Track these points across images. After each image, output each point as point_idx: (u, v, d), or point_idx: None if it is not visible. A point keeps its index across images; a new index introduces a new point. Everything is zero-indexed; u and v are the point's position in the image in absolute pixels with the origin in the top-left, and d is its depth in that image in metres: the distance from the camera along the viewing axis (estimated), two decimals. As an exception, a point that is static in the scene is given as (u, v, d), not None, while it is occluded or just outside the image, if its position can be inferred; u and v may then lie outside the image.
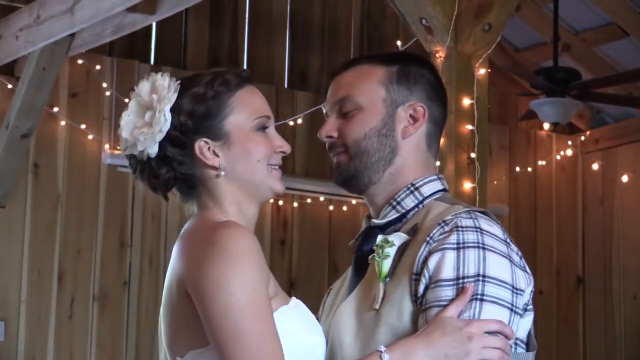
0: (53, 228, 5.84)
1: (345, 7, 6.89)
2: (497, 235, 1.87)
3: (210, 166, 2.07)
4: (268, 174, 2.10)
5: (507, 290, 1.82)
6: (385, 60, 2.07)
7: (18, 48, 5.38)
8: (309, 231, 6.57)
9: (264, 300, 1.88)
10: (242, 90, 2.12)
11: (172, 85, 2.08)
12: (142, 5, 4.96)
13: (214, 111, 2.08)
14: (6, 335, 5.70)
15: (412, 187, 2.01)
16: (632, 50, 6.63)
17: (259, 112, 2.11)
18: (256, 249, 1.92)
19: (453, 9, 3.90)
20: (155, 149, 2.06)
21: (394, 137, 2.02)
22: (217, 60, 6.48)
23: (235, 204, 2.08)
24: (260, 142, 2.10)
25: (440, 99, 2.06)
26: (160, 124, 2.04)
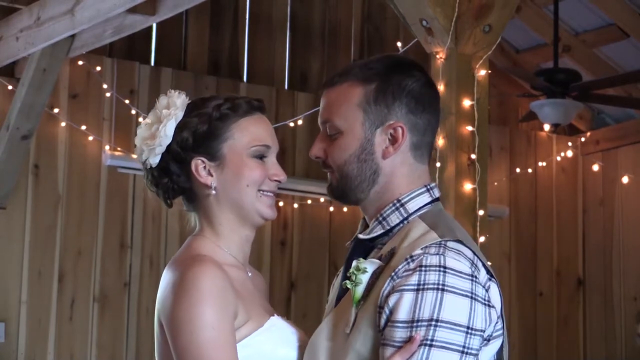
0: (53, 229, 5.84)
1: (345, 9, 6.90)
2: (461, 272, 1.86)
3: (203, 184, 2.19)
4: (257, 199, 2.19)
5: (459, 333, 1.82)
6: (365, 78, 2.04)
7: (18, 49, 5.39)
8: (309, 232, 6.57)
9: (225, 337, 2.02)
10: (248, 117, 2.21)
11: (184, 103, 2.20)
12: (143, 6, 4.95)
13: (215, 133, 2.19)
14: (6, 336, 5.70)
15: (398, 203, 2.02)
16: (632, 52, 6.63)
17: (259, 141, 2.20)
18: (220, 287, 2.03)
19: (453, 10, 3.90)
20: (156, 160, 2.19)
21: (374, 160, 2.02)
22: (218, 61, 6.48)
23: (227, 225, 2.20)
24: (253, 168, 2.19)
25: (426, 107, 2.04)
26: (160, 138, 2.17)
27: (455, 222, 2.06)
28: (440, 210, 2.05)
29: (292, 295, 6.47)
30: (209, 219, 2.20)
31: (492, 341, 1.91)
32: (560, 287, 7.21)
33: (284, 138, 6.51)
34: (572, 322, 7.25)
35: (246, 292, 2.16)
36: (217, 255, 2.15)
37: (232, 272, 2.13)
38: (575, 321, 7.26)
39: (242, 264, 2.22)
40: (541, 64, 6.90)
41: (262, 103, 2.27)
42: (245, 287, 2.17)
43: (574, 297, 7.26)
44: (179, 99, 2.21)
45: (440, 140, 3.92)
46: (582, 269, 7.28)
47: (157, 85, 6.15)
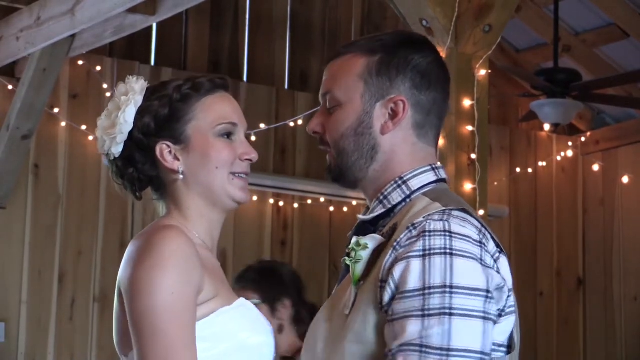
0: (53, 229, 5.85)
1: (345, 8, 6.90)
2: (468, 237, 1.75)
3: (170, 169, 2.10)
4: (228, 182, 2.10)
5: (478, 298, 1.71)
6: (370, 49, 1.94)
7: (18, 49, 5.39)
8: (310, 232, 6.57)
9: (184, 305, 1.93)
10: (211, 96, 2.13)
11: (142, 88, 2.11)
12: (143, 6, 4.96)
13: (177, 114, 2.10)
14: (7, 336, 5.70)
15: (400, 181, 1.90)
16: (632, 51, 6.63)
17: (224, 119, 2.11)
18: (185, 253, 1.95)
19: (453, 10, 3.90)
20: (118, 149, 2.10)
21: (372, 134, 1.91)
22: (218, 61, 6.49)
23: (195, 209, 2.10)
24: (221, 149, 2.10)
25: (433, 85, 1.92)
26: (120, 125, 2.08)
27: (463, 200, 1.93)
28: (447, 189, 1.93)
29: (292, 295, 6.47)
30: (177, 204, 2.11)
31: (505, 317, 1.79)
32: (560, 287, 7.21)
33: (284, 138, 6.52)
34: (572, 322, 7.25)
35: (215, 272, 2.08)
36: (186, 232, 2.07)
37: (200, 251, 2.04)
38: (575, 321, 7.26)
39: (210, 249, 2.13)
40: (541, 63, 6.90)
41: (225, 81, 2.18)
42: (214, 267, 2.09)
43: (574, 297, 7.26)
44: (138, 83, 2.12)
45: (441, 140, 3.91)
46: (582, 268, 7.28)
47: (157, 85, 6.16)
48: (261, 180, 6.35)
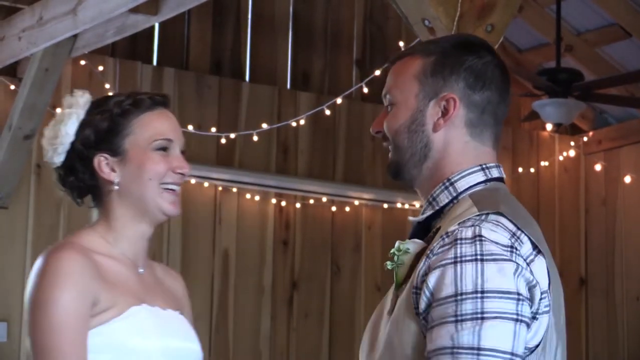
0: (56, 229, 5.84)
1: (347, 8, 6.90)
2: (498, 242, 1.78)
3: (107, 180, 2.23)
4: (158, 194, 2.23)
5: (509, 300, 1.75)
6: (427, 50, 2.00)
7: (20, 49, 5.39)
8: (312, 232, 6.58)
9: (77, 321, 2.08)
10: (149, 112, 2.26)
11: (86, 101, 2.26)
12: (145, 6, 4.96)
13: (116, 128, 2.24)
14: (9, 336, 5.71)
15: (447, 182, 1.95)
16: (634, 51, 6.63)
17: (160, 135, 2.24)
18: (76, 272, 2.11)
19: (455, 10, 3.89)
20: (60, 158, 2.27)
21: (425, 132, 1.96)
22: (220, 61, 6.49)
23: (122, 219, 2.24)
24: (155, 161, 2.23)
25: (487, 85, 1.96)
26: (61, 136, 2.24)
27: (511, 199, 1.94)
28: (495, 190, 1.95)
29: (294, 295, 6.47)
30: (107, 213, 2.25)
31: (539, 318, 1.82)
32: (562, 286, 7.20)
33: (286, 138, 6.52)
34: (574, 322, 7.25)
35: (120, 283, 2.19)
36: (94, 244, 2.20)
37: (105, 261, 2.18)
38: (577, 321, 7.26)
39: (130, 259, 2.25)
40: (543, 63, 6.90)
41: (165, 98, 2.31)
42: (121, 279, 2.20)
43: (576, 297, 7.26)
44: (82, 97, 2.26)
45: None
46: (584, 268, 7.28)
47: (159, 85, 6.15)
48: (263, 180, 6.36)
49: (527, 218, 1.90)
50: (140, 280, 2.25)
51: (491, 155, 1.99)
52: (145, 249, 2.29)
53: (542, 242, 1.88)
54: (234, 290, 6.31)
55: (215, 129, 6.24)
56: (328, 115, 6.14)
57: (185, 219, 6.20)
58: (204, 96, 6.32)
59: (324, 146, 6.59)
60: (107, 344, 2.12)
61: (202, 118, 6.28)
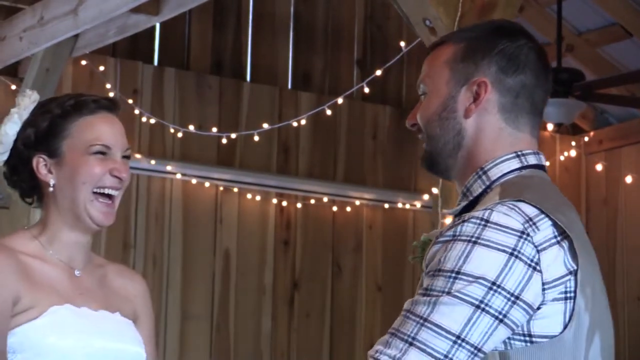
0: (56, 229, 5.85)
1: (348, 8, 6.90)
2: (507, 226, 1.73)
3: (44, 182, 2.21)
4: (89, 201, 2.19)
5: (480, 286, 1.70)
6: (459, 37, 1.95)
7: (22, 49, 5.40)
8: (313, 232, 6.58)
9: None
10: (90, 116, 2.22)
11: (28, 102, 2.23)
12: (146, 6, 4.97)
13: (55, 130, 2.21)
14: (10, 336, 5.71)
15: (481, 171, 1.89)
16: (635, 51, 6.63)
17: (98, 140, 2.21)
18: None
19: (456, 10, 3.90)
20: (2, 157, 2.25)
21: (456, 118, 1.90)
22: (221, 61, 6.49)
23: (57, 224, 2.22)
24: (90, 165, 2.20)
25: (521, 68, 1.89)
26: (2, 135, 2.23)
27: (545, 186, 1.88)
28: (528, 177, 1.88)
29: (295, 295, 6.48)
30: (44, 215, 2.23)
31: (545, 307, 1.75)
32: (563, 286, 7.21)
33: (287, 138, 6.52)
34: (576, 322, 7.25)
35: (46, 284, 2.18)
36: (25, 246, 2.20)
37: (33, 263, 2.17)
38: (578, 321, 7.26)
39: (64, 262, 2.23)
40: (544, 63, 6.89)
41: (111, 102, 2.27)
42: (45, 278, 2.19)
43: (577, 297, 7.26)
44: (29, 97, 2.24)
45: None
46: (585, 268, 7.27)
47: (160, 85, 6.16)
48: (264, 180, 6.37)
49: (558, 204, 1.84)
50: (74, 283, 2.23)
51: (528, 142, 1.92)
52: (84, 253, 2.26)
53: (573, 227, 1.82)
54: (235, 290, 6.31)
55: (216, 129, 6.25)
56: (329, 115, 6.14)
57: (186, 218, 6.20)
58: (205, 96, 6.32)
59: (324, 146, 6.59)
60: (21, 343, 2.11)
61: (203, 118, 6.28)
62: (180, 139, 6.17)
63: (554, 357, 1.77)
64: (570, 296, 1.77)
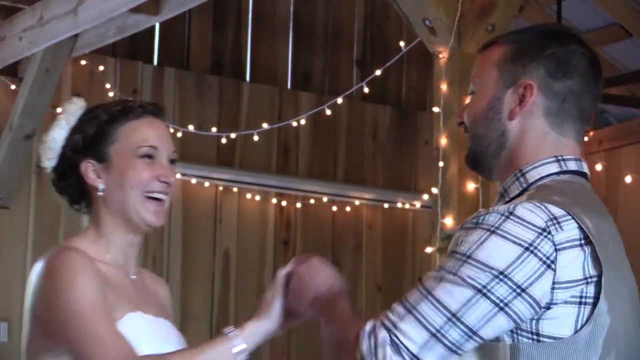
0: (56, 229, 5.85)
1: (348, 8, 6.90)
2: (529, 222, 1.75)
3: (92, 186, 2.26)
4: (141, 203, 2.23)
5: (486, 274, 1.73)
6: (510, 39, 1.96)
7: (21, 49, 5.41)
8: (312, 232, 6.59)
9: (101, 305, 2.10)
10: (137, 120, 2.27)
11: (78, 108, 2.29)
12: (146, 6, 4.98)
13: (102, 135, 2.26)
14: (9, 336, 5.76)
15: (519, 173, 1.90)
16: (635, 51, 6.64)
17: (145, 142, 2.24)
18: (85, 268, 2.12)
19: (456, 10, 3.91)
20: (50, 163, 2.30)
21: (501, 120, 1.91)
22: (220, 61, 6.49)
23: (109, 226, 2.26)
24: (139, 169, 2.24)
25: (569, 73, 1.89)
26: (49, 141, 2.28)
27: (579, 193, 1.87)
28: (566, 182, 1.88)
29: (295, 294, 6.48)
30: (95, 220, 2.27)
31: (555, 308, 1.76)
32: (563, 286, 7.21)
33: (286, 137, 6.53)
34: (575, 322, 7.26)
35: (118, 287, 2.21)
36: (88, 250, 2.21)
37: (102, 267, 2.20)
38: (578, 321, 7.26)
39: (121, 266, 2.26)
40: (544, 63, 6.89)
41: (157, 108, 2.32)
42: (117, 283, 2.22)
43: (577, 297, 7.27)
44: (75, 104, 2.30)
45: (443, 139, 3.91)
46: (585, 268, 7.28)
47: (160, 84, 6.17)
48: (264, 180, 6.37)
49: (588, 209, 1.83)
50: (133, 287, 2.27)
51: (572, 148, 1.92)
52: (136, 256, 2.31)
53: (601, 234, 1.82)
54: (235, 290, 6.32)
55: (216, 128, 6.25)
56: (329, 115, 6.14)
57: (186, 218, 6.21)
58: (205, 96, 6.33)
59: (324, 146, 6.59)
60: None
61: (203, 118, 6.28)
62: (180, 139, 6.17)
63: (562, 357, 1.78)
64: (586, 302, 1.78)
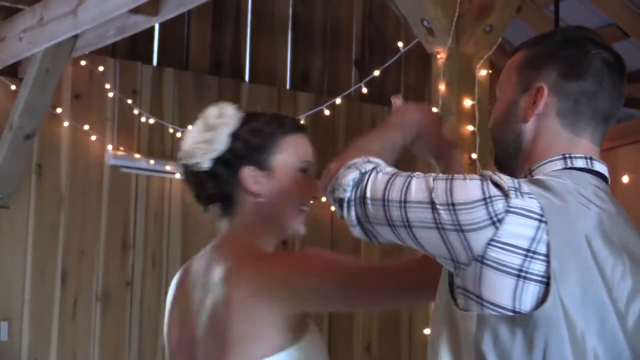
0: (56, 229, 5.87)
1: (346, 9, 6.93)
2: (496, 183, 1.77)
3: (251, 192, 2.30)
4: (295, 215, 2.33)
5: (444, 197, 1.78)
6: (529, 44, 1.99)
7: (21, 49, 5.41)
8: (311, 231, 6.39)
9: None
10: (295, 135, 2.36)
11: (237, 115, 2.34)
12: (145, 6, 4.98)
13: (266, 145, 2.32)
14: (10, 335, 5.73)
15: (527, 171, 1.92)
16: (632, 52, 6.66)
17: (307, 157, 2.36)
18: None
19: (454, 11, 3.92)
20: (208, 164, 2.31)
21: (517, 122, 1.94)
22: (220, 61, 6.51)
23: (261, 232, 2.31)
24: (301, 184, 2.33)
25: (583, 76, 1.90)
26: (217, 143, 2.30)
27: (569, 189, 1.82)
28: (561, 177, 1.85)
29: (293, 294, 6.49)
30: (246, 225, 2.31)
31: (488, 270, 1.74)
32: (560, 286, 7.23)
33: (285, 138, 6.54)
34: (573, 321, 7.28)
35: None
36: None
37: None
38: (575, 320, 7.28)
39: None
40: (542, 63, 6.91)
41: (304, 125, 2.44)
42: None
43: (575, 296, 7.28)
44: (231, 109, 2.35)
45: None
46: (582, 268, 7.29)
47: (159, 85, 6.18)
48: (263, 180, 6.38)
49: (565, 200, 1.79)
50: None
51: (585, 147, 1.91)
52: None
53: (560, 217, 1.76)
54: (234, 289, 6.33)
55: (215, 129, 6.26)
56: (327, 115, 6.16)
57: (185, 218, 6.22)
58: (204, 96, 6.34)
59: (323, 146, 6.54)
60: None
61: (202, 118, 6.30)
62: (180, 139, 6.16)
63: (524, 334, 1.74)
64: (527, 277, 1.73)
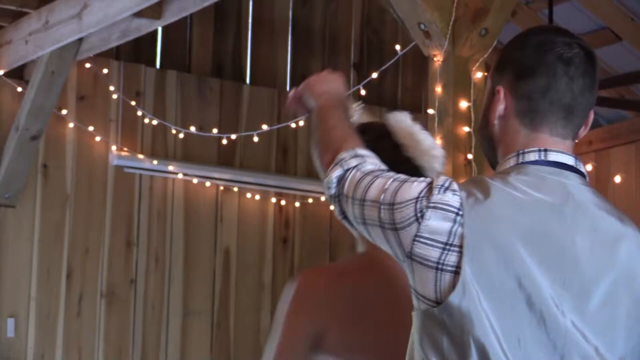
0: (62, 227, 5.91)
1: (345, 13, 6.93)
2: (424, 181, 1.83)
3: None
4: None
5: (388, 196, 1.86)
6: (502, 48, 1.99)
7: (27, 52, 5.44)
8: (311, 230, 6.62)
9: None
10: None
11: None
12: (148, 10, 5.00)
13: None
14: (16, 332, 5.77)
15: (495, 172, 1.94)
16: (625, 55, 6.67)
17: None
18: None
19: (450, 14, 3.91)
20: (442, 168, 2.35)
21: (488, 127, 1.95)
22: (221, 64, 6.51)
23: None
24: None
25: (536, 72, 1.89)
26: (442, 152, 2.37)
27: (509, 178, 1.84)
28: (500, 173, 1.88)
29: (293, 292, 6.51)
30: None
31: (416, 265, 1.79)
32: (555, 284, 7.24)
33: (285, 138, 6.56)
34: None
35: None
36: None
37: None
38: (569, 318, 7.30)
39: None
40: (536, 66, 6.92)
41: None
42: None
43: (569, 295, 7.30)
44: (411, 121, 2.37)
45: (438, 140, 3.90)
46: (576, 267, 7.29)
47: (162, 87, 6.21)
48: (263, 180, 6.38)
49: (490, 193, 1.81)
50: None
51: (543, 141, 1.91)
52: None
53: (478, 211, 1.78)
54: (235, 286, 6.35)
55: (217, 130, 6.29)
56: (326, 116, 6.18)
57: (187, 217, 6.25)
58: (206, 98, 6.36)
59: (322, 147, 6.61)
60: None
61: (204, 119, 6.32)
62: (182, 140, 6.21)
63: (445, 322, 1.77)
64: (444, 269, 1.76)
